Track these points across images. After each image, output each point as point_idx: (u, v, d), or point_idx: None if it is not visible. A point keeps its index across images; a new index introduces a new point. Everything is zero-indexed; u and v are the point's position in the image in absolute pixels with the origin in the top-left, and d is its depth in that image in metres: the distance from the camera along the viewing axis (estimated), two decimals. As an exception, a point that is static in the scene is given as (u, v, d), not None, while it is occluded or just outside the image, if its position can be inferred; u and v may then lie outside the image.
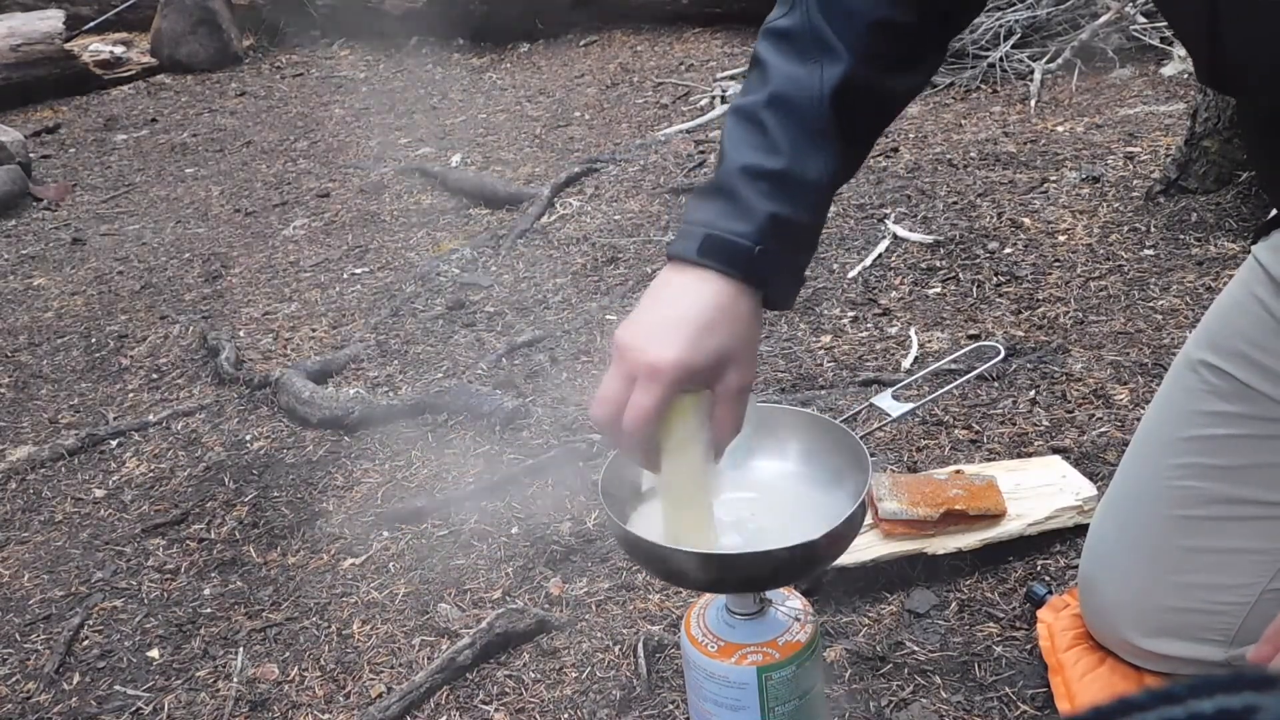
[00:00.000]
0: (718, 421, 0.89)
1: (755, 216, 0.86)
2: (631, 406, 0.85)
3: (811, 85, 0.88)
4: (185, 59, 5.23)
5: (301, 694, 1.42)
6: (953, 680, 1.27)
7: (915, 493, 1.41)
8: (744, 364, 0.87)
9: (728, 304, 0.86)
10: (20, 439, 2.20)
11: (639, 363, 0.84)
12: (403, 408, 2.02)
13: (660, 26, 4.66)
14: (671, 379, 0.83)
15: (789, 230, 0.88)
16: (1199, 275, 2.06)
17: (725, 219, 0.87)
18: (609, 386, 0.86)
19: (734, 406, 0.88)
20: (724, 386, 0.87)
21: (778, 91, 0.88)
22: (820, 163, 0.88)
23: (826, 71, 0.87)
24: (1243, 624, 1.08)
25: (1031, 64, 3.34)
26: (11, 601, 1.71)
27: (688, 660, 1.10)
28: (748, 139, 0.89)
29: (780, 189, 0.87)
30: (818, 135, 0.88)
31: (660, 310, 0.87)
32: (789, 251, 0.89)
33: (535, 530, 1.65)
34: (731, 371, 0.87)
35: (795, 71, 0.88)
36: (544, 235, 2.77)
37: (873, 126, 0.95)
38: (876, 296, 2.18)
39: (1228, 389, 1.06)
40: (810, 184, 0.88)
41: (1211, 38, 0.86)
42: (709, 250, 0.86)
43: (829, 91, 0.87)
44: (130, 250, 3.16)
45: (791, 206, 0.87)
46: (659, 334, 0.84)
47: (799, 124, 0.87)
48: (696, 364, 0.84)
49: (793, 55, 0.89)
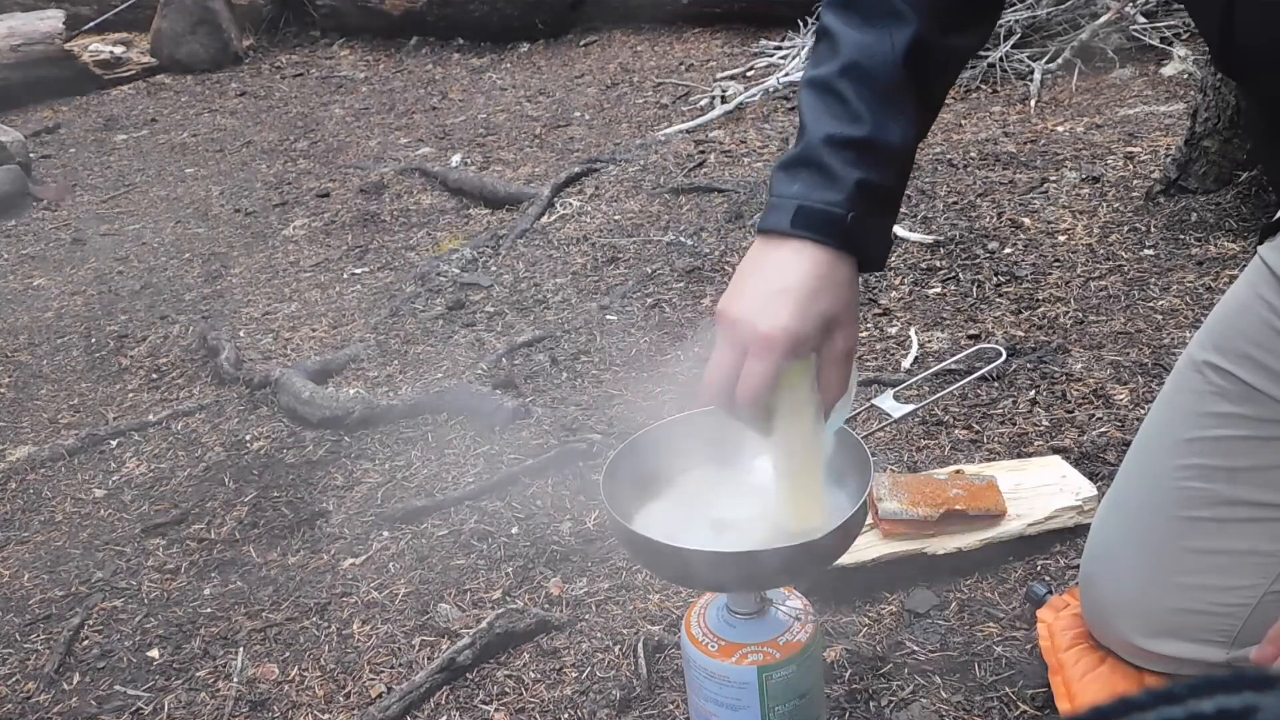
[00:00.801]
0: (825, 384, 0.92)
1: (844, 185, 0.88)
2: (746, 377, 0.88)
3: (884, 50, 0.90)
4: (185, 59, 5.23)
5: (301, 694, 1.42)
6: (953, 680, 1.27)
7: (915, 493, 1.42)
8: (848, 327, 0.91)
9: (827, 271, 0.88)
10: (20, 439, 2.20)
11: (751, 334, 0.87)
12: (403, 408, 2.02)
13: (660, 26, 4.66)
14: (784, 348, 0.86)
15: (877, 195, 0.90)
16: (1199, 275, 2.06)
17: (815, 189, 0.89)
18: (721, 359, 0.89)
19: (841, 368, 0.92)
20: (830, 350, 0.90)
21: (851, 60, 0.90)
22: (901, 126, 0.91)
23: (896, 36, 0.90)
24: (1244, 625, 1.08)
25: (1031, 64, 3.34)
26: (11, 601, 1.71)
27: (688, 660, 1.10)
28: (828, 109, 0.90)
29: (866, 155, 0.89)
30: (895, 99, 0.90)
31: (764, 283, 0.89)
32: (878, 215, 0.92)
33: (535, 530, 1.65)
34: (837, 335, 0.90)
35: (865, 39, 0.90)
36: (544, 235, 2.77)
37: (942, 86, 0.98)
38: (876, 296, 2.18)
39: (1232, 390, 1.06)
40: (894, 148, 0.91)
41: (1225, 14, 0.87)
42: (803, 221, 0.89)
43: (901, 55, 0.90)
44: (130, 250, 3.16)
45: (878, 172, 0.89)
46: (767, 305, 0.87)
47: (876, 90, 0.90)
48: (805, 331, 0.87)
49: (860, 23, 0.91)
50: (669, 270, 2.44)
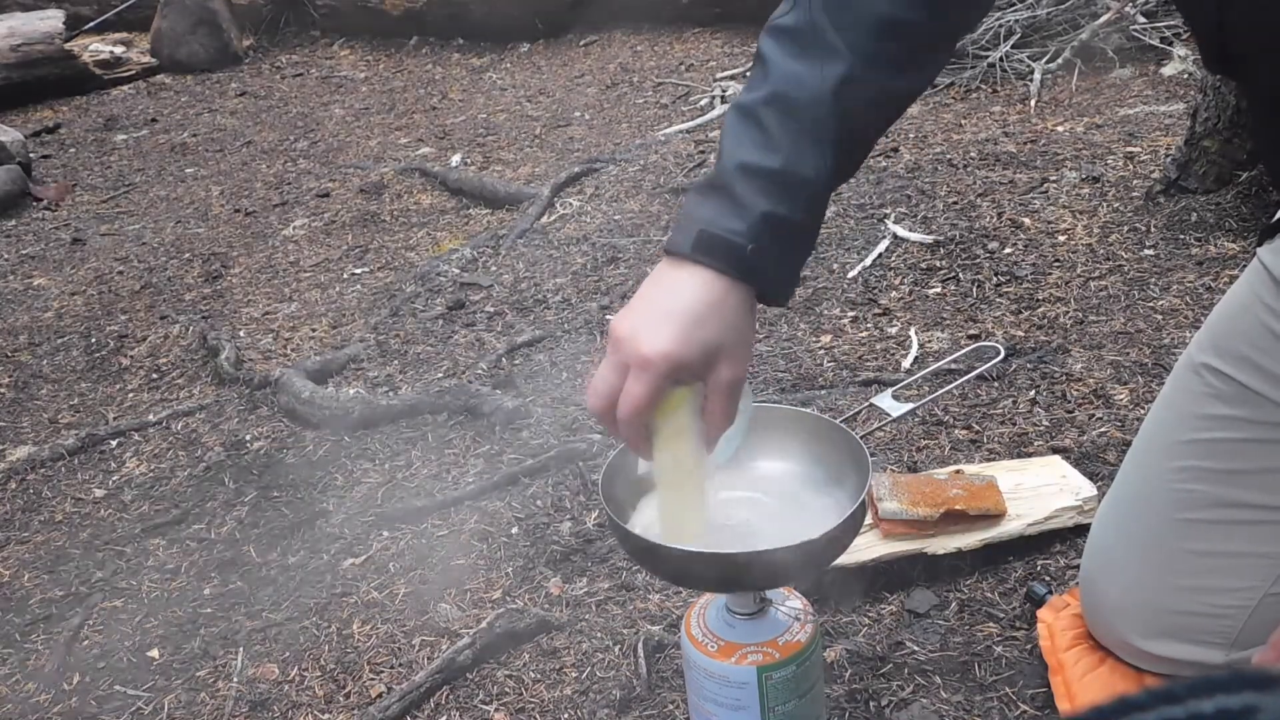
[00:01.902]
0: (709, 413, 0.90)
1: (749, 214, 0.87)
2: (624, 396, 0.87)
3: (812, 84, 0.88)
4: (185, 59, 5.23)
5: (301, 694, 1.42)
6: (953, 680, 1.27)
7: (915, 493, 1.41)
8: (735, 358, 0.89)
9: (719, 299, 0.87)
10: (20, 439, 2.20)
11: (631, 353, 0.86)
12: (403, 408, 2.02)
13: (660, 26, 4.66)
14: (662, 370, 0.85)
15: (784, 228, 0.88)
16: (1199, 275, 2.06)
17: (720, 216, 0.88)
18: (603, 375, 0.89)
19: (725, 399, 0.90)
20: (715, 379, 0.89)
21: (778, 89, 0.89)
22: (818, 162, 0.88)
23: (827, 70, 0.88)
24: (1244, 627, 1.08)
25: (1031, 64, 3.34)
26: (11, 601, 1.71)
27: (688, 660, 1.10)
28: (746, 136, 0.89)
29: (776, 187, 0.87)
30: (816, 134, 0.88)
31: (654, 303, 0.88)
32: (784, 249, 0.90)
33: (535, 530, 1.65)
34: (723, 365, 0.88)
35: (796, 69, 0.89)
36: (544, 235, 2.77)
37: (874, 126, 0.95)
38: (876, 296, 2.18)
39: (1231, 393, 1.06)
40: (807, 183, 0.88)
41: (1220, 10, 0.86)
42: (702, 246, 0.87)
43: (829, 91, 0.87)
44: (130, 250, 3.16)
45: (787, 205, 0.87)
46: (651, 326, 0.86)
47: (798, 122, 0.88)
48: (686, 357, 0.86)
49: (795, 53, 0.89)
50: (669, 270, 2.43)
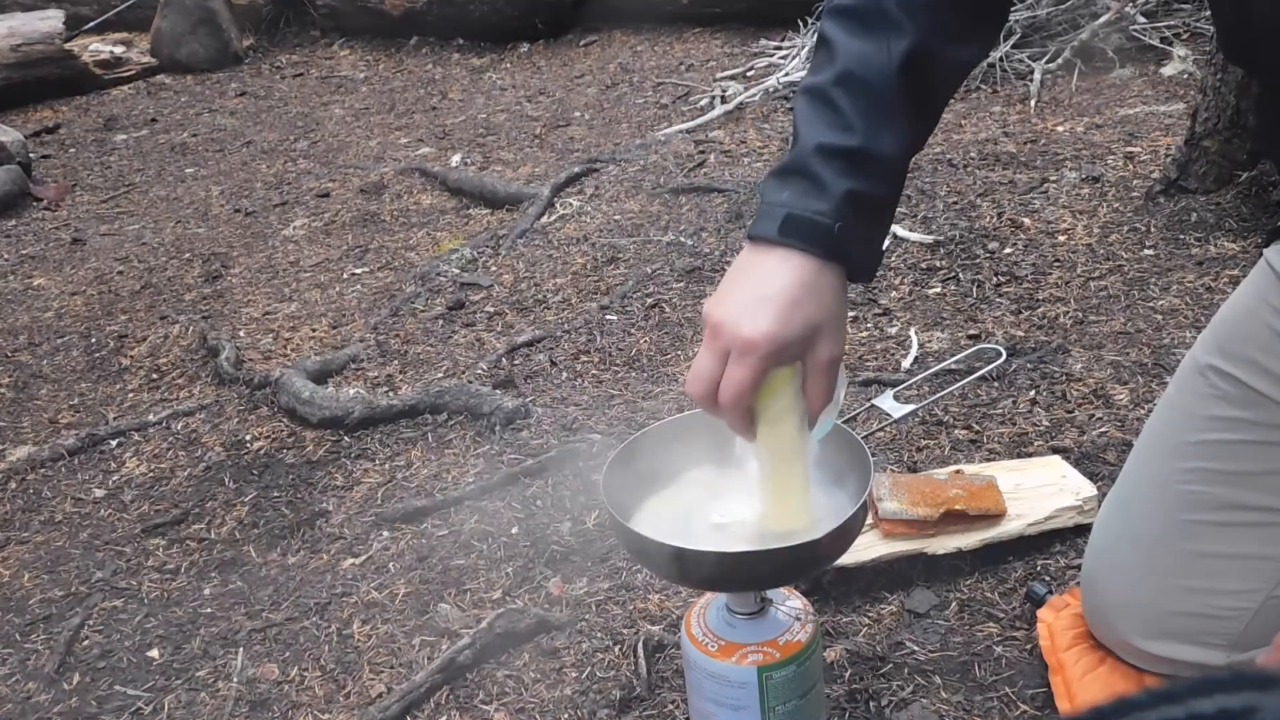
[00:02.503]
0: (810, 392, 0.92)
1: (833, 194, 0.88)
2: (727, 381, 0.88)
3: (879, 61, 0.89)
4: (185, 59, 5.23)
5: (301, 694, 1.42)
6: (953, 680, 1.27)
7: (915, 493, 1.41)
8: (833, 336, 0.90)
9: (812, 280, 0.88)
10: (20, 439, 2.20)
11: (734, 339, 0.87)
12: (403, 408, 2.02)
13: (660, 26, 4.66)
14: (765, 354, 0.87)
15: (867, 205, 0.90)
16: (1199, 275, 2.06)
17: (804, 198, 0.89)
18: (703, 363, 0.90)
19: (825, 377, 0.92)
20: (814, 358, 0.90)
21: (847, 69, 0.90)
22: (893, 137, 0.90)
23: (893, 46, 0.89)
24: (1246, 629, 1.08)
25: (1031, 64, 3.34)
26: (11, 601, 1.71)
27: (688, 660, 1.10)
28: (821, 118, 0.90)
29: (856, 166, 0.89)
30: (889, 110, 0.90)
31: (749, 289, 0.89)
32: (867, 226, 0.92)
33: (535, 530, 1.65)
34: (821, 344, 0.90)
35: (862, 48, 0.90)
36: (544, 235, 2.77)
37: (941, 97, 0.97)
38: (876, 296, 2.18)
39: (1236, 394, 1.06)
40: (885, 158, 0.90)
41: (1241, 3, 0.87)
42: (790, 230, 0.89)
43: (897, 66, 0.89)
44: (130, 250, 3.16)
45: (868, 182, 0.89)
46: (750, 311, 0.87)
47: (869, 100, 0.89)
48: (787, 338, 0.87)
49: (859, 31, 0.91)
50: (669, 270, 2.44)
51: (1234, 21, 0.90)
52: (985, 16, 0.97)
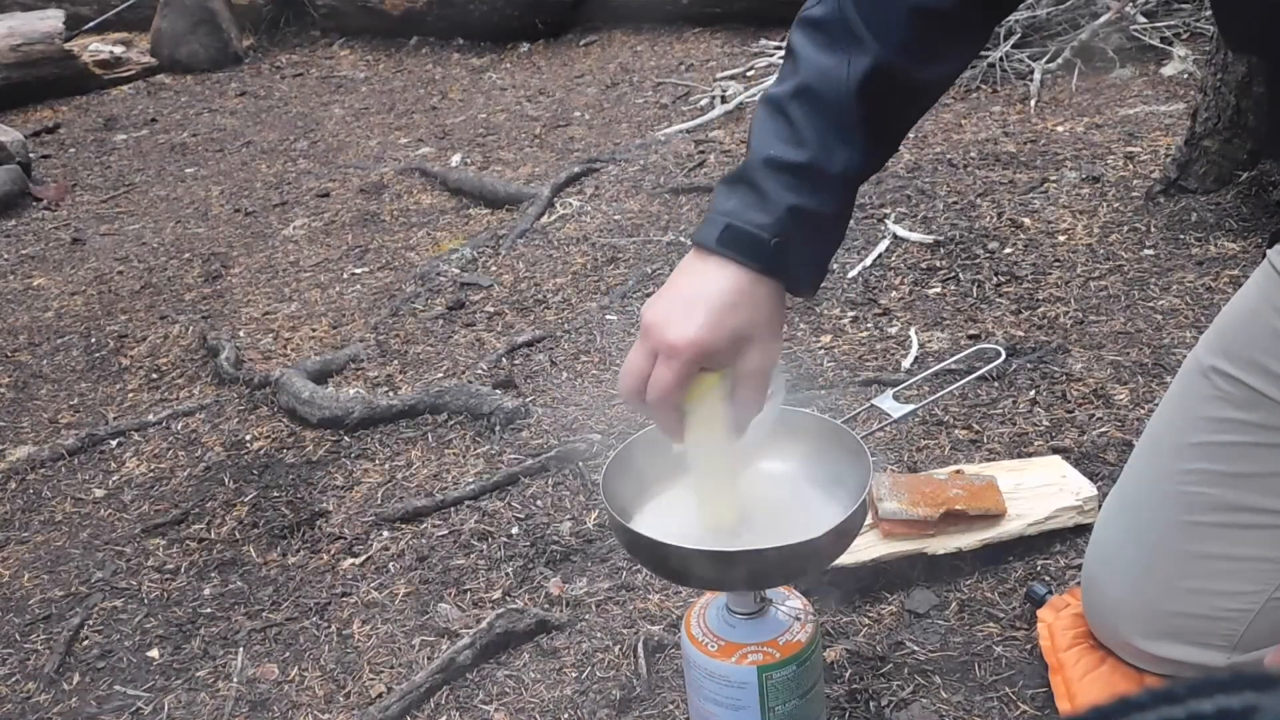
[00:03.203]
0: (739, 399, 0.93)
1: (775, 208, 0.88)
2: (653, 380, 0.90)
3: (839, 77, 0.88)
4: (185, 59, 5.23)
5: (301, 694, 1.42)
6: (953, 680, 1.27)
7: (915, 493, 1.41)
8: (763, 346, 0.91)
9: (746, 290, 0.89)
10: (20, 439, 2.20)
11: (661, 340, 0.89)
12: (403, 408, 2.02)
13: (660, 26, 4.66)
14: (690, 356, 0.88)
15: (810, 222, 0.89)
16: (1199, 275, 2.06)
17: (746, 209, 0.89)
18: (633, 360, 0.92)
19: (754, 386, 0.92)
20: (743, 367, 0.91)
21: (805, 82, 0.90)
22: (845, 155, 0.89)
23: (854, 63, 0.88)
24: (1247, 631, 1.08)
25: (1031, 64, 3.34)
26: (11, 601, 1.71)
27: (688, 660, 1.10)
28: (774, 129, 0.90)
29: (803, 181, 0.88)
30: (844, 127, 0.89)
31: (683, 292, 0.90)
32: (810, 242, 0.91)
33: (535, 530, 1.65)
34: (751, 353, 0.90)
35: (824, 62, 0.89)
36: (544, 235, 2.77)
37: (904, 118, 0.96)
38: (876, 296, 2.18)
39: (1240, 396, 1.05)
40: (834, 176, 0.89)
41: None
42: (728, 240, 0.89)
43: (855, 84, 0.88)
44: (130, 250, 3.16)
45: (814, 198, 0.89)
46: (680, 315, 0.88)
47: (824, 116, 0.89)
48: (713, 345, 0.88)
49: (823, 45, 0.90)
50: (669, 270, 2.42)
51: (1244, 10, 0.90)
52: (958, 39, 0.94)
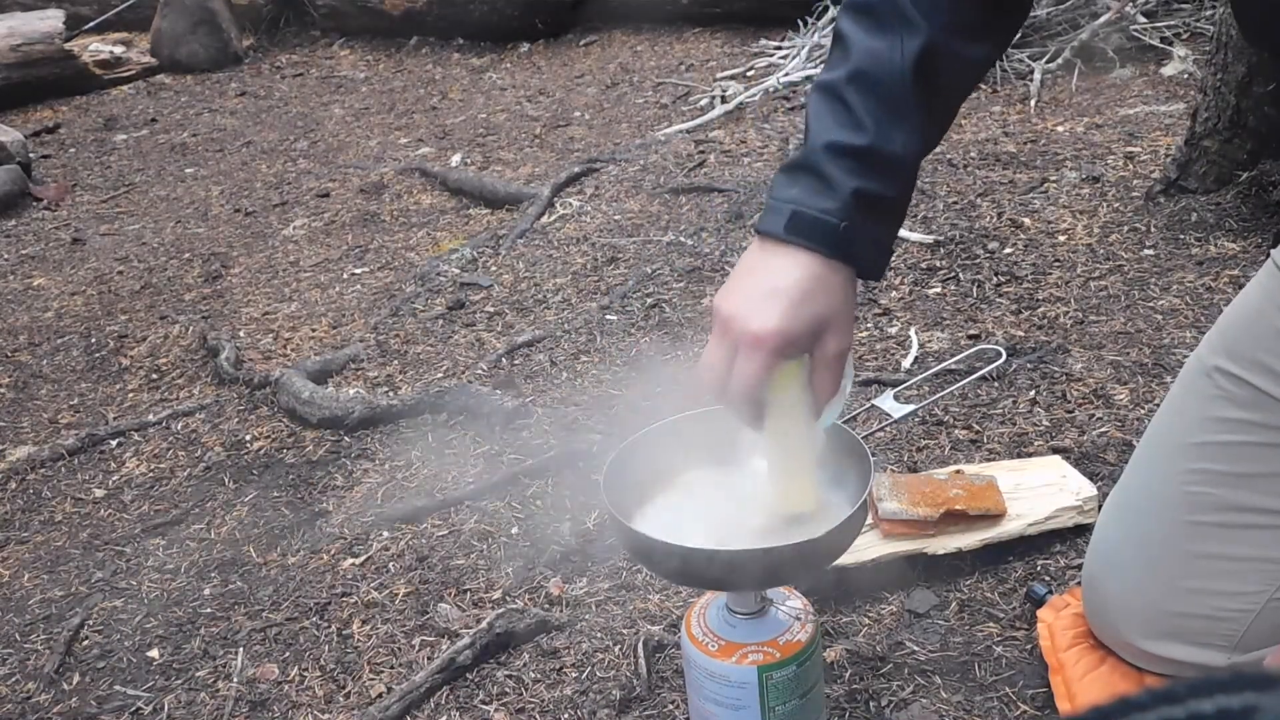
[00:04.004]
0: (817, 384, 0.94)
1: (841, 193, 0.89)
2: (737, 374, 0.90)
3: (892, 59, 0.89)
4: (185, 59, 5.23)
5: (301, 694, 1.42)
6: (953, 680, 1.27)
7: (915, 493, 1.41)
8: (840, 330, 0.92)
9: (820, 277, 0.90)
10: (20, 439, 2.20)
11: (743, 333, 0.89)
12: (403, 408, 2.02)
13: (660, 26, 4.66)
14: (773, 347, 0.88)
15: (875, 205, 0.90)
16: (1199, 275, 2.06)
17: (811, 196, 0.89)
18: (713, 355, 0.91)
19: (832, 370, 0.93)
20: (822, 352, 0.92)
21: (859, 67, 0.90)
22: (904, 136, 0.90)
23: (906, 44, 0.89)
24: (1247, 631, 1.08)
25: (1031, 64, 3.34)
26: (11, 601, 1.71)
27: (688, 660, 1.10)
28: (832, 115, 0.91)
29: (865, 165, 0.89)
30: (900, 109, 0.90)
31: (758, 284, 0.90)
32: (875, 225, 0.92)
33: (535, 530, 1.65)
34: (829, 338, 0.91)
35: (875, 45, 0.90)
36: (544, 235, 2.77)
37: (954, 96, 0.98)
38: (876, 296, 2.18)
39: (1243, 396, 1.05)
40: (895, 158, 0.90)
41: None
42: (796, 227, 0.90)
43: (910, 64, 0.89)
44: (130, 250, 3.16)
45: (877, 181, 0.90)
46: (759, 305, 0.89)
47: (881, 99, 0.89)
48: (795, 334, 0.89)
49: (873, 29, 0.91)
50: (669, 270, 2.44)
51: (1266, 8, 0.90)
52: (1000, 14, 0.97)
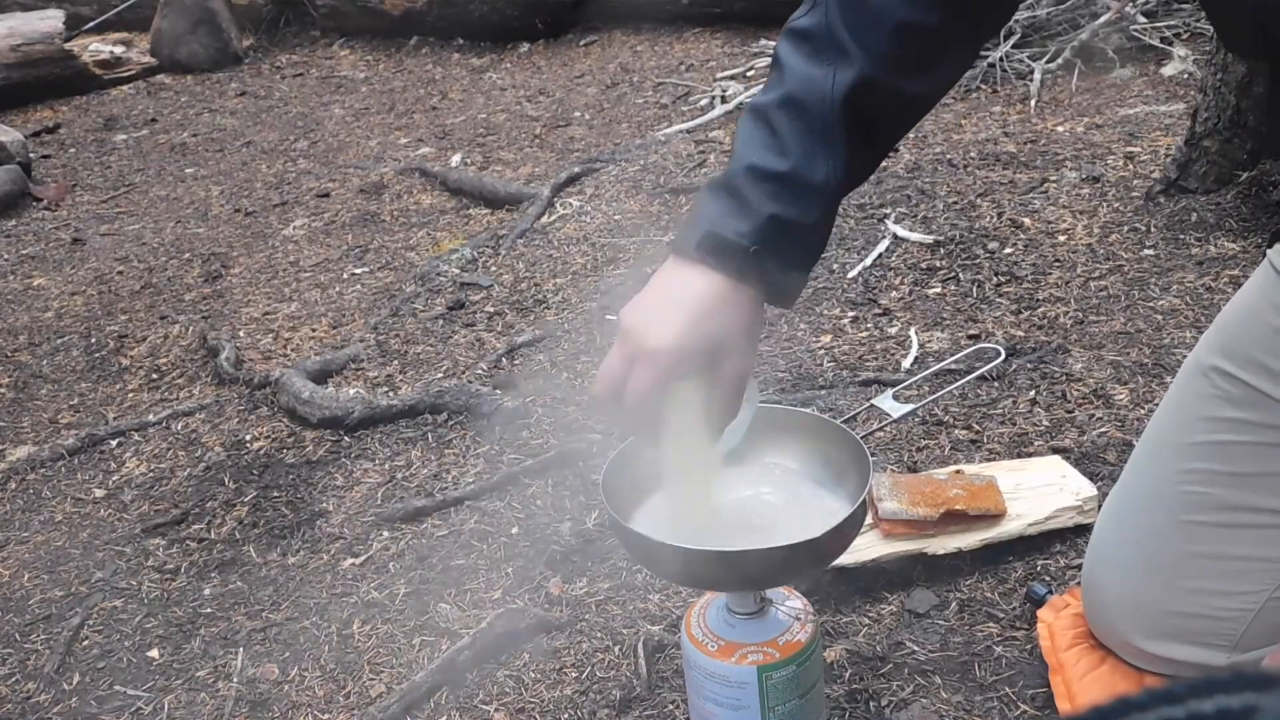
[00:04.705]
0: (716, 406, 0.93)
1: (756, 216, 0.88)
2: (630, 385, 0.90)
3: (823, 88, 0.89)
4: (185, 59, 5.23)
5: (301, 694, 1.42)
6: (953, 680, 1.27)
7: (915, 493, 1.41)
8: (738, 353, 0.91)
9: (724, 297, 0.89)
10: (20, 439, 2.20)
11: (639, 346, 0.89)
12: (403, 408, 2.02)
13: (660, 26, 4.66)
14: (667, 364, 0.88)
15: (790, 231, 0.89)
16: (1199, 275, 2.06)
17: (727, 216, 0.89)
18: (610, 365, 0.91)
19: (729, 393, 0.93)
20: (719, 374, 0.91)
21: (790, 92, 0.90)
22: (828, 166, 0.89)
23: (839, 75, 0.88)
24: (1247, 630, 1.08)
25: (1031, 64, 3.34)
26: (11, 601, 1.71)
27: (688, 660, 1.10)
28: (758, 138, 0.90)
29: (784, 190, 0.88)
30: (827, 138, 0.89)
31: (661, 298, 0.90)
32: (788, 251, 0.91)
33: (535, 530, 1.65)
34: (727, 360, 0.91)
35: (809, 73, 0.89)
36: (544, 235, 2.77)
37: (890, 130, 0.96)
38: (876, 296, 2.18)
39: (1240, 395, 1.05)
40: (816, 186, 0.89)
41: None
42: (707, 247, 0.89)
43: (840, 95, 0.88)
44: (130, 250, 3.16)
45: (795, 208, 0.89)
46: (658, 320, 0.89)
47: (808, 126, 0.89)
48: (689, 351, 0.88)
49: (809, 56, 0.90)
50: (669, 270, 2.43)
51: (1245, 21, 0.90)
52: (945, 53, 0.94)
